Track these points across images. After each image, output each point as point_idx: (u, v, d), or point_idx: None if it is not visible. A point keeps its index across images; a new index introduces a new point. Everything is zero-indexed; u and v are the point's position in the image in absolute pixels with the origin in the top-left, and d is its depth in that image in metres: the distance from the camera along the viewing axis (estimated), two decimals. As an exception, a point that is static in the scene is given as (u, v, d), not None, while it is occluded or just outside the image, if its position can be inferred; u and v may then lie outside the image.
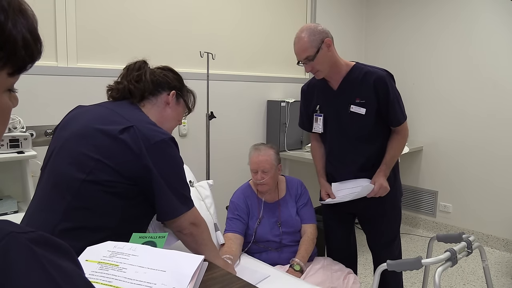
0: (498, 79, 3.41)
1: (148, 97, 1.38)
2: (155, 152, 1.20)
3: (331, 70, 1.89)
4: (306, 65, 1.86)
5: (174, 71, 1.49)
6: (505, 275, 3.01)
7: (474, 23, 3.52)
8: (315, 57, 1.81)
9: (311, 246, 1.98)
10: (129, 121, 1.23)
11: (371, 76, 1.87)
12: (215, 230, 1.92)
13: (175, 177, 1.26)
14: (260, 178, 1.98)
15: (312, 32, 1.81)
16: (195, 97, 1.55)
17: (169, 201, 1.25)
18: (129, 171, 1.18)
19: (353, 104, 1.90)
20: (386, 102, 1.86)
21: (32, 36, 0.55)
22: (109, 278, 0.90)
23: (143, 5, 2.54)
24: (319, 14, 3.72)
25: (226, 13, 3.02)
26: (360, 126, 1.91)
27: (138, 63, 1.41)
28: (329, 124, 2.00)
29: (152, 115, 1.36)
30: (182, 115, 1.51)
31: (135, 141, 1.19)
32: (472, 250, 1.59)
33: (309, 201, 2.11)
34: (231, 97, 3.10)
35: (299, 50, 1.84)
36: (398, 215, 2.10)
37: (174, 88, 1.43)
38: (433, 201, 3.88)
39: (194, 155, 2.83)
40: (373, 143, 1.94)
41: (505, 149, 3.41)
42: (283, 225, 2.01)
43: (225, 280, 1.34)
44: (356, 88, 1.89)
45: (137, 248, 0.99)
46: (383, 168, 1.92)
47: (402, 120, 1.93)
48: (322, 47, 1.81)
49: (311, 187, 2.44)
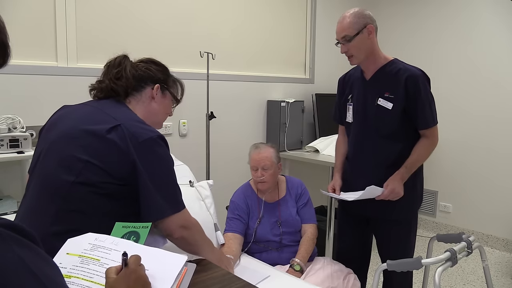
0: (498, 79, 3.41)
1: (132, 93, 1.33)
2: (142, 150, 1.18)
3: (366, 59, 1.86)
4: (343, 45, 1.83)
5: (158, 63, 1.43)
6: (505, 275, 3.01)
7: (474, 23, 3.52)
8: (353, 38, 1.79)
9: (311, 246, 1.98)
10: (116, 119, 1.20)
11: (405, 72, 1.82)
12: (215, 230, 1.92)
13: (162, 176, 1.22)
14: (260, 175, 1.98)
15: (357, 14, 1.80)
16: (183, 87, 1.50)
17: (153, 200, 1.20)
18: (118, 171, 1.16)
19: (382, 97, 1.85)
20: (414, 101, 1.80)
21: (1, 46, 0.62)
22: (91, 274, 0.88)
23: (143, 5, 2.54)
24: (319, 14, 3.72)
25: (226, 13, 3.02)
26: (384, 121, 1.85)
27: (118, 58, 1.36)
28: (356, 115, 1.95)
29: (139, 111, 1.33)
30: (170, 107, 1.45)
31: (123, 140, 1.16)
32: (472, 250, 1.59)
33: (309, 201, 2.11)
34: (231, 97, 3.10)
35: (340, 28, 1.82)
36: (413, 228, 1.99)
37: (158, 81, 1.37)
38: (433, 201, 3.88)
39: (194, 155, 2.83)
40: (395, 143, 1.86)
41: (505, 148, 3.41)
42: (283, 225, 2.01)
43: (225, 280, 1.34)
44: (388, 82, 1.85)
45: (119, 242, 0.96)
46: (402, 170, 1.83)
47: (431, 124, 1.84)
48: (363, 31, 1.80)
49: (311, 187, 2.43)
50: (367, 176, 1.92)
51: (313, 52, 3.72)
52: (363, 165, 1.95)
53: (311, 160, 3.11)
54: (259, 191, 2.08)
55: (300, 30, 3.63)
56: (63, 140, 1.21)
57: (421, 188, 2.02)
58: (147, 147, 1.19)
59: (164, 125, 2.69)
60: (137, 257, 0.85)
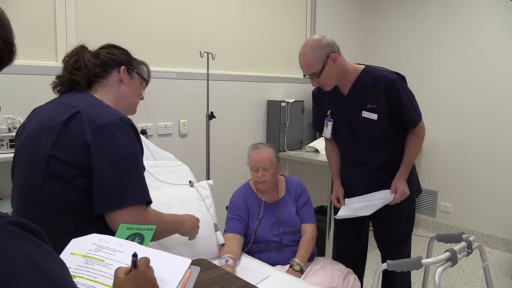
0: (498, 79, 3.41)
1: (98, 81, 1.30)
2: (99, 135, 1.11)
3: (339, 79, 1.85)
4: (313, 80, 1.82)
5: (118, 47, 1.39)
6: (505, 275, 3.01)
7: (474, 23, 3.52)
8: (321, 73, 1.77)
9: (310, 246, 1.98)
10: (75, 107, 1.16)
11: (382, 80, 1.81)
12: (215, 230, 1.92)
13: (119, 163, 1.12)
14: (261, 175, 1.98)
15: (316, 47, 1.76)
16: (148, 67, 1.45)
17: (103, 190, 1.10)
18: (80, 160, 1.10)
19: (365, 109, 1.85)
20: (399, 106, 1.81)
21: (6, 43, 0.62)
22: (95, 274, 0.88)
23: (143, 5, 2.54)
24: (319, 14, 3.72)
25: (226, 13, 3.02)
26: (373, 131, 1.86)
27: (74, 50, 1.31)
28: (341, 129, 1.96)
29: (108, 98, 1.29)
30: (140, 89, 1.41)
31: (80, 126, 1.12)
32: (472, 250, 1.59)
33: (308, 201, 2.11)
34: (231, 97, 3.10)
35: (304, 66, 1.80)
36: (412, 214, 2.04)
37: (122, 63, 1.33)
38: (433, 201, 3.88)
39: (194, 155, 2.83)
40: (387, 145, 1.90)
41: (505, 149, 3.41)
42: (283, 225, 2.01)
43: (224, 280, 1.34)
44: (367, 93, 1.84)
45: (123, 244, 0.96)
46: (403, 171, 1.87)
47: (417, 121, 1.87)
48: (328, 63, 1.76)
49: (311, 187, 2.44)
50: (365, 180, 1.96)
51: (313, 52, 3.72)
52: (359, 170, 1.97)
53: (311, 160, 3.11)
54: (259, 191, 2.08)
55: (300, 30, 3.63)
56: (27, 141, 1.20)
57: (416, 177, 2.06)
58: (105, 132, 1.12)
59: (164, 125, 2.70)
60: (147, 259, 0.84)
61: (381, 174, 1.91)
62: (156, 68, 2.63)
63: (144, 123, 2.60)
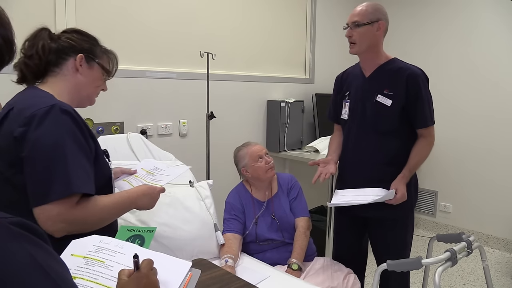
0: (498, 79, 3.41)
1: (50, 70, 1.20)
2: (26, 125, 1.04)
3: (367, 52, 1.86)
4: (350, 29, 1.84)
5: (83, 32, 1.27)
6: (505, 275, 3.01)
7: (474, 23, 3.52)
8: (362, 25, 1.81)
9: (304, 240, 1.96)
10: (11, 105, 1.12)
11: (405, 71, 1.84)
12: (215, 230, 1.92)
13: (41, 155, 1.04)
14: (269, 160, 2.04)
15: (374, 6, 1.84)
16: (116, 58, 1.34)
17: (29, 185, 1.04)
18: (13, 157, 1.05)
19: (381, 94, 1.85)
20: (415, 99, 1.81)
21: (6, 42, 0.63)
22: (95, 275, 0.88)
23: (143, 5, 2.54)
24: (319, 14, 3.72)
25: (226, 13, 3.02)
26: (383, 118, 1.85)
27: (34, 32, 1.21)
28: (352, 112, 1.95)
29: (60, 88, 1.20)
30: (100, 80, 1.30)
31: (11, 122, 1.06)
32: (472, 250, 1.59)
33: (299, 194, 2.11)
34: (231, 97, 3.10)
35: (353, 13, 1.84)
36: (410, 228, 1.97)
37: (81, 51, 1.22)
38: (433, 201, 3.88)
39: (194, 155, 2.82)
40: (392, 140, 1.87)
41: (505, 148, 3.41)
42: (280, 222, 2.02)
43: (224, 280, 1.34)
44: (388, 79, 1.86)
45: (124, 245, 0.95)
46: (406, 173, 1.83)
47: (429, 123, 1.85)
48: (373, 24, 1.81)
49: (311, 188, 2.44)
50: (365, 173, 1.91)
51: (313, 52, 3.72)
52: (361, 162, 1.93)
53: (311, 160, 3.11)
54: (253, 189, 2.09)
55: (300, 30, 3.63)
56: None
57: (416, 186, 2.01)
58: (32, 121, 1.04)
59: (164, 125, 2.70)
60: (150, 262, 0.83)
61: (382, 169, 1.87)
62: (156, 68, 2.64)
63: (144, 123, 2.60)
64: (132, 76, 2.48)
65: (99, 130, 2.34)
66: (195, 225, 1.88)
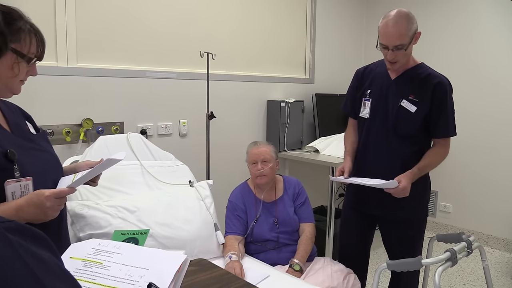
0: (498, 78, 3.41)
1: None
2: None
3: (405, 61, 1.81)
4: (392, 52, 1.71)
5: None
6: (505, 275, 3.01)
7: (474, 23, 3.52)
8: (407, 47, 1.70)
9: (309, 245, 1.99)
10: None
11: (434, 79, 1.80)
12: (215, 230, 1.93)
13: None
14: (260, 168, 2.00)
15: (411, 19, 1.69)
16: (37, 35, 1.11)
17: None
18: None
19: (406, 99, 1.81)
20: (439, 109, 1.79)
21: None
22: (93, 276, 0.91)
23: (143, 5, 2.54)
24: (319, 14, 3.72)
25: (226, 13, 3.02)
26: (404, 123, 1.81)
27: None
28: (373, 112, 1.89)
29: None
30: (10, 67, 1.08)
31: None
32: (472, 250, 1.59)
33: (307, 200, 2.11)
34: (231, 97, 3.10)
35: (395, 34, 1.66)
36: (422, 230, 2.00)
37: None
38: (433, 201, 3.88)
39: (194, 155, 2.83)
40: (410, 146, 1.84)
41: (505, 148, 3.41)
42: (281, 224, 2.02)
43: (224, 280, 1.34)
44: (414, 85, 1.81)
45: (121, 246, 0.99)
46: (415, 170, 1.79)
47: (451, 133, 1.84)
48: (413, 39, 1.72)
49: (311, 187, 2.44)
50: (378, 176, 1.85)
51: (313, 52, 3.72)
52: (375, 164, 1.90)
53: (311, 160, 3.11)
54: (257, 190, 2.08)
55: (300, 30, 3.63)
56: None
57: (429, 193, 2.02)
58: None
59: (164, 125, 2.70)
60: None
61: (396, 173, 1.80)
62: (156, 68, 2.64)
63: (144, 123, 2.60)
64: (132, 76, 2.47)
65: (99, 130, 2.33)
66: (195, 225, 1.88)
